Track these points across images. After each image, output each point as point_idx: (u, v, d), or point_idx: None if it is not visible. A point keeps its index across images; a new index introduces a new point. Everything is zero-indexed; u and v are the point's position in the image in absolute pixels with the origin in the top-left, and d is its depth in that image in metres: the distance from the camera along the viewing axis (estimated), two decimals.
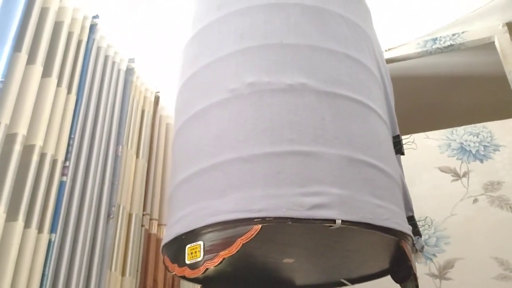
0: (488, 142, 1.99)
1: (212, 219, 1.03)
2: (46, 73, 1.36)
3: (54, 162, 1.31)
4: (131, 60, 1.84)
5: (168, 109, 2.12)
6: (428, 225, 1.82)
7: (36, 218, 1.20)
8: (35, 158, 1.24)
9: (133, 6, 1.92)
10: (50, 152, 1.30)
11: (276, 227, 1.03)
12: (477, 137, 2.02)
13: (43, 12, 1.40)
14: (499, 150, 1.96)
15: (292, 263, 1.31)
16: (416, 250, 1.22)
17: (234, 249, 0.99)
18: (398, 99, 1.53)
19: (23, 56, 1.28)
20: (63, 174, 1.33)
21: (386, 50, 2.43)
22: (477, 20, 2.26)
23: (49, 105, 1.33)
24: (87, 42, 1.56)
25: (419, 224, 1.31)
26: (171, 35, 2.04)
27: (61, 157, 1.34)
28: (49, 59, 1.39)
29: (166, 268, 1.16)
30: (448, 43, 2.35)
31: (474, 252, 1.80)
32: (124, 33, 1.92)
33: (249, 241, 0.98)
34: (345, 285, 1.44)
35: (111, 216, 1.52)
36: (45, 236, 1.22)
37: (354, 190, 1.04)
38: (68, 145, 1.38)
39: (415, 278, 1.14)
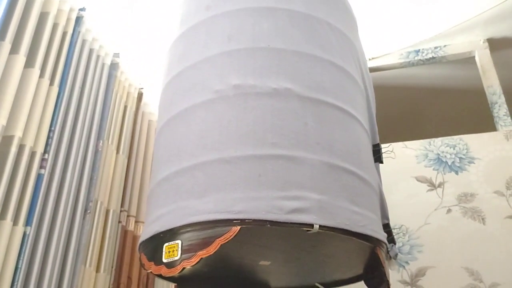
0: (464, 155, 2.04)
1: (191, 218, 1.03)
2: (29, 63, 1.34)
3: (32, 154, 1.29)
4: (116, 55, 1.83)
5: (151, 106, 2.11)
6: (403, 233, 1.85)
7: (12, 210, 1.18)
8: (13, 149, 1.22)
9: (121, 0, 1.90)
10: (29, 144, 1.28)
11: (254, 229, 1.04)
12: (454, 149, 2.06)
13: (29, 2, 1.38)
14: (474, 163, 2.00)
15: (268, 266, 1.32)
16: (390, 258, 1.24)
17: (212, 249, 0.99)
18: (379, 108, 1.55)
19: (6, 45, 1.26)
20: (41, 166, 1.32)
21: (369, 59, 2.47)
22: (459, 35, 2.31)
23: (31, 96, 1.31)
24: (72, 34, 1.54)
25: (394, 232, 1.33)
26: (157, 32, 2.03)
27: (40, 149, 1.32)
28: (33, 49, 1.37)
29: (142, 266, 1.15)
30: (430, 56, 2.40)
31: (445, 261, 1.84)
32: (110, 28, 1.90)
33: (227, 242, 0.99)
34: None
35: (88, 211, 1.50)
36: (20, 228, 1.20)
37: (332, 196, 1.06)
38: (48, 137, 1.36)
39: (388, 285, 1.16)
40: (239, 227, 0.99)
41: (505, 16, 2.18)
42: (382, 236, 1.15)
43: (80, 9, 1.61)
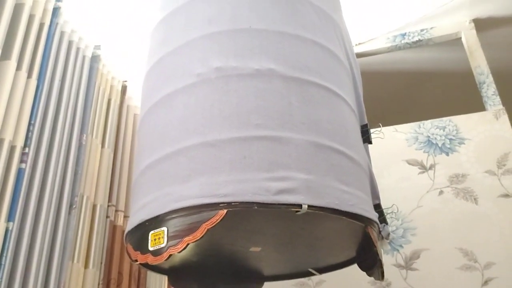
0: (454, 136, 2.02)
1: (177, 204, 1.00)
2: (5, 55, 1.31)
3: (12, 149, 1.26)
4: (97, 47, 1.79)
5: (136, 99, 2.07)
6: (394, 212, 1.84)
7: None
8: None
9: None
10: (8, 138, 1.24)
11: (242, 213, 1.01)
12: (443, 130, 2.05)
13: None
14: (464, 143, 1.99)
15: (259, 252, 1.29)
16: (382, 237, 1.22)
17: (198, 234, 0.96)
18: (368, 93, 1.53)
19: None
20: (21, 161, 1.28)
21: (356, 45, 2.45)
22: (445, 16, 2.29)
23: (8, 89, 1.27)
24: (50, 26, 1.50)
25: (386, 212, 1.31)
26: (140, 23, 2.00)
27: (20, 144, 1.28)
28: (9, 41, 1.33)
29: (129, 256, 1.12)
30: (416, 38, 2.38)
31: (439, 243, 1.83)
32: (90, 19, 1.86)
33: (214, 226, 0.96)
34: (313, 274, 1.43)
35: (74, 206, 1.47)
36: (1, 224, 1.17)
37: (320, 175, 1.03)
38: (28, 131, 1.32)
39: (381, 265, 1.14)
40: (225, 211, 0.96)
41: None
42: (373, 215, 1.13)
43: (57, 0, 1.57)
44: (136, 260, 1.07)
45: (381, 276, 1.16)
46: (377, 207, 1.26)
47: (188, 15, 1.29)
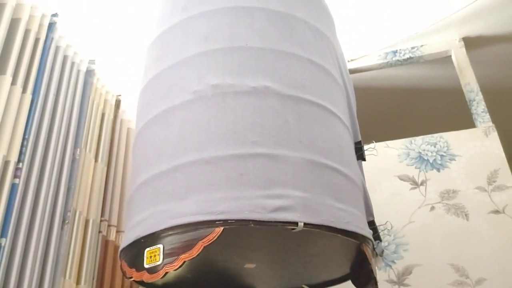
0: (444, 152, 2.05)
1: (173, 221, 1.00)
2: (1, 70, 1.30)
3: (6, 164, 1.25)
4: (92, 62, 1.79)
5: (129, 113, 2.07)
6: (388, 229, 1.85)
7: None
8: None
9: (94, 6, 1.87)
10: (2, 153, 1.24)
11: (238, 230, 1.02)
12: (434, 146, 2.07)
13: None
14: (455, 160, 2.02)
15: (253, 269, 1.29)
16: (376, 254, 1.23)
17: (195, 252, 0.96)
18: (360, 109, 1.55)
19: None
20: (15, 176, 1.27)
21: (348, 61, 2.47)
22: (435, 34, 2.34)
23: (3, 103, 1.27)
24: (45, 40, 1.51)
25: (379, 229, 1.32)
26: (134, 38, 2.01)
27: (13, 159, 1.28)
28: (4, 56, 1.33)
29: (124, 273, 1.12)
30: (407, 56, 2.42)
31: (431, 259, 1.84)
32: (85, 34, 1.87)
33: (210, 243, 0.96)
34: None
35: (66, 221, 1.46)
36: None
37: (316, 193, 1.04)
38: (22, 146, 1.32)
39: (375, 282, 1.15)
40: (222, 228, 0.97)
41: (478, 15, 2.21)
42: (368, 232, 1.14)
43: (53, 15, 1.57)
44: (131, 277, 1.07)
45: None
46: (371, 224, 1.27)
47: (184, 32, 1.30)
